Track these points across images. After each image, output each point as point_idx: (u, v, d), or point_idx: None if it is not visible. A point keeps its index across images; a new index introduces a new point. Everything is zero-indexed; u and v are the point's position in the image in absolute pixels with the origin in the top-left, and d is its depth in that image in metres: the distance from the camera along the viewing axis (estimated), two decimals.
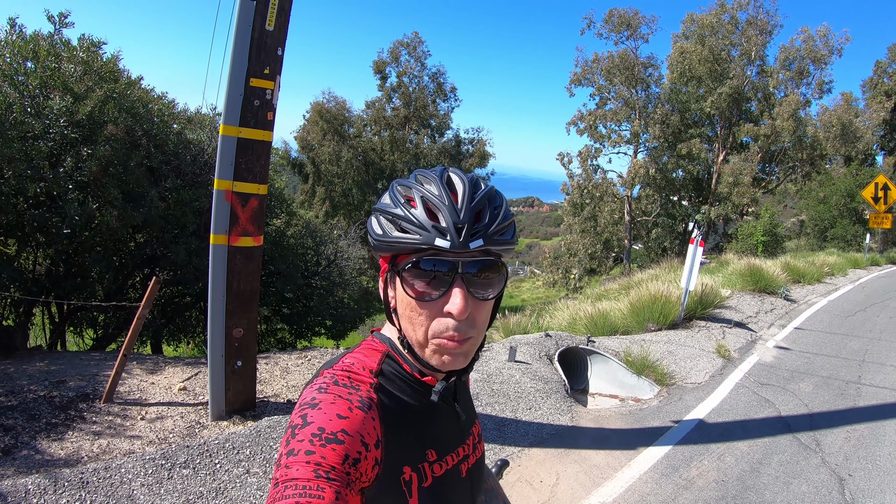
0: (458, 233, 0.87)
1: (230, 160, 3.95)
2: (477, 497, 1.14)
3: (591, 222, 32.52)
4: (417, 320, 0.92)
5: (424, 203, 0.90)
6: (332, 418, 0.82)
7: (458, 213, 0.89)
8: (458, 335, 0.90)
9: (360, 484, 0.82)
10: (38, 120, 6.15)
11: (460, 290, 0.89)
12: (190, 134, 8.78)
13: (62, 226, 6.21)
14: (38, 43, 6.61)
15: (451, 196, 0.91)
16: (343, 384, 0.90)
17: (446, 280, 0.89)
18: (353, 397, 0.87)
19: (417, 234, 0.88)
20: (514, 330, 8.61)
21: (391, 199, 0.94)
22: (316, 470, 0.76)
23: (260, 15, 3.92)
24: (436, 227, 0.88)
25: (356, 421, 0.84)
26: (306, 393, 0.88)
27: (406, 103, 35.24)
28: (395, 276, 0.93)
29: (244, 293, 4.14)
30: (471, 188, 0.93)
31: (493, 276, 0.94)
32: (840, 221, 25.34)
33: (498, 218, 0.93)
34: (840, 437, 5.23)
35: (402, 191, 0.95)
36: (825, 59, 29.09)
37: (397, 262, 0.93)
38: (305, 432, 0.80)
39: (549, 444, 4.75)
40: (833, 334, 9.20)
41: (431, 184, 0.93)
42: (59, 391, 4.53)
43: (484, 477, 1.22)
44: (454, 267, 0.89)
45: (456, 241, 0.87)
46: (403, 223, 0.90)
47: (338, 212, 33.73)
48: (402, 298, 0.93)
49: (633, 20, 30.90)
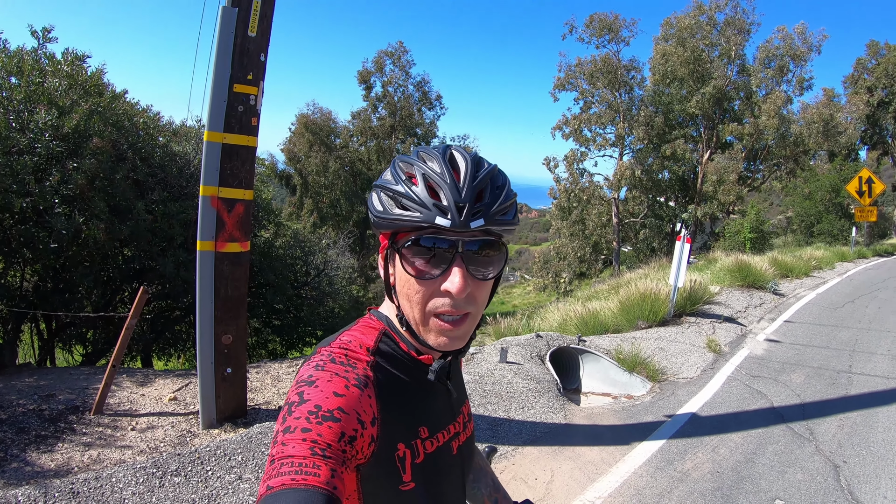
0: (459, 212, 0.86)
1: (215, 166, 3.94)
2: (467, 474, 1.14)
3: (580, 226, 32.65)
4: (415, 298, 0.91)
5: (426, 180, 0.89)
6: (328, 396, 0.81)
7: (460, 191, 0.88)
8: (456, 312, 0.91)
9: (355, 461, 0.81)
10: (24, 134, 6.12)
11: (460, 269, 0.88)
12: (176, 146, 8.76)
13: (49, 240, 6.16)
14: (22, 58, 6.60)
15: (454, 174, 0.90)
16: (340, 362, 0.89)
17: (446, 258, 0.89)
18: (349, 375, 0.86)
19: (418, 211, 0.87)
20: (504, 333, 8.61)
21: (392, 176, 0.93)
22: (312, 447, 0.75)
23: (242, 21, 3.93)
24: (437, 206, 0.87)
25: (353, 398, 0.83)
26: (303, 370, 0.88)
27: (392, 112, 35.29)
28: (395, 253, 0.93)
29: (232, 299, 4.12)
30: (473, 166, 0.92)
31: (494, 256, 0.94)
32: (826, 216, 25.60)
33: (500, 198, 0.92)
34: (833, 426, 5.26)
35: (404, 167, 0.94)
36: (804, 56, 29.46)
37: (397, 240, 0.92)
38: (302, 409, 0.79)
39: (542, 442, 4.75)
40: (823, 326, 9.27)
41: (433, 161, 0.92)
42: (48, 404, 4.48)
43: (474, 456, 1.23)
44: (454, 245, 0.88)
45: (457, 219, 0.86)
46: (404, 200, 0.89)
47: (326, 223, 33.68)
48: (402, 276, 0.92)
49: (613, 24, 31.17)
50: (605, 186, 32.69)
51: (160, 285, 8.24)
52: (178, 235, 7.62)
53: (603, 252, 33.34)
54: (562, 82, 33.30)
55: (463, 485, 1.12)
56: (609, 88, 31.99)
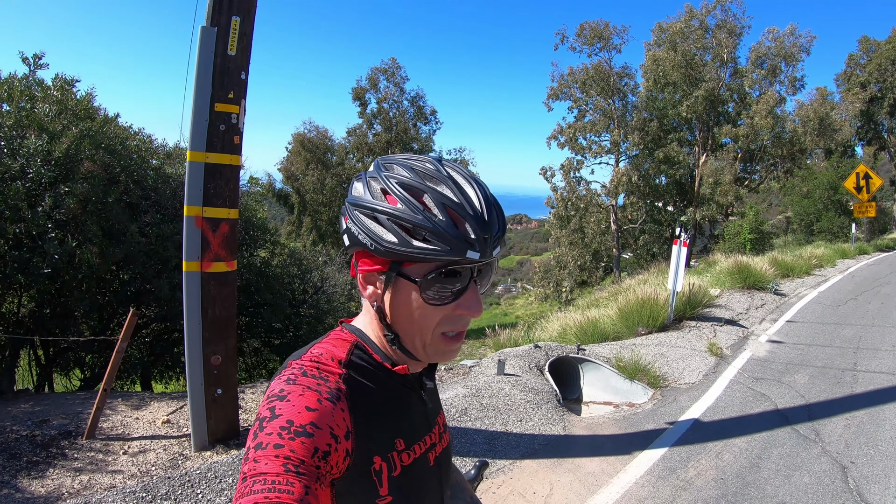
0: (485, 242, 0.87)
1: (199, 186, 3.93)
2: (446, 487, 1.12)
3: (579, 234, 32.60)
4: (426, 324, 0.91)
5: (445, 210, 0.86)
6: (300, 410, 0.80)
7: (483, 222, 0.87)
8: (464, 329, 0.93)
9: (330, 476, 0.80)
10: (15, 160, 6.13)
11: (475, 292, 0.91)
12: (169, 168, 8.76)
13: (43, 265, 6.15)
14: (12, 84, 6.63)
15: (469, 203, 0.88)
16: (312, 375, 0.87)
17: (461, 283, 0.89)
18: (321, 388, 0.85)
19: (447, 245, 0.84)
20: (504, 344, 8.55)
21: (397, 199, 0.87)
22: (285, 464, 0.73)
23: (221, 40, 3.93)
24: (465, 239, 0.85)
25: (325, 412, 0.81)
26: (274, 384, 0.86)
27: (387, 128, 35.38)
28: (402, 280, 0.89)
29: (220, 319, 4.08)
30: (480, 191, 0.90)
31: (489, 272, 0.96)
32: (825, 214, 25.59)
33: (505, 223, 0.93)
34: (839, 426, 5.19)
35: (410, 191, 0.88)
36: (796, 56, 29.56)
37: (406, 267, 0.89)
38: (274, 425, 0.77)
39: (541, 454, 4.68)
40: (825, 324, 9.20)
41: (441, 185, 0.88)
42: (41, 430, 4.44)
43: (451, 468, 1.21)
44: (472, 272, 0.90)
45: (486, 252, 0.87)
46: (428, 234, 0.85)
47: (325, 240, 33.70)
48: (411, 303, 0.90)
49: (604, 32, 31.31)
50: (603, 194, 32.70)
51: (157, 308, 8.20)
52: (172, 257, 7.59)
53: (603, 259, 33.26)
54: (555, 92, 33.40)
55: (441, 497, 1.10)
56: (602, 96, 32.07)
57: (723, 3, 30.00)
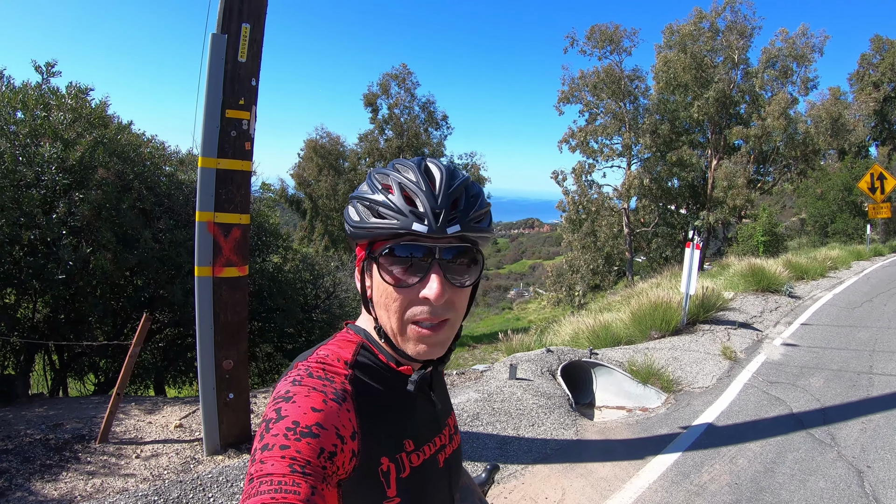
0: (435, 218, 0.88)
1: (210, 191, 3.96)
2: (455, 489, 1.12)
3: (591, 238, 32.50)
4: (393, 307, 0.91)
5: (402, 189, 0.91)
6: (306, 411, 0.80)
7: (436, 198, 0.89)
8: (434, 319, 0.90)
9: (336, 477, 0.80)
10: (30, 168, 6.22)
11: (437, 275, 0.89)
12: (182, 175, 8.83)
13: (58, 271, 6.22)
14: (26, 93, 6.72)
15: (429, 183, 0.91)
16: (318, 376, 0.88)
17: (423, 266, 0.89)
18: (327, 389, 0.86)
19: (395, 218, 0.88)
20: (516, 349, 8.52)
21: (369, 187, 0.94)
22: (291, 465, 0.74)
23: (232, 47, 3.96)
24: (413, 213, 0.88)
25: (331, 413, 0.82)
26: (280, 386, 0.87)
27: (398, 134, 35.40)
28: (372, 262, 0.93)
29: (232, 324, 4.10)
30: (448, 176, 0.93)
31: (470, 264, 0.94)
32: (840, 216, 25.32)
33: (475, 206, 0.93)
34: (855, 429, 5.13)
35: (380, 178, 0.94)
36: (807, 56, 29.32)
37: (374, 249, 0.92)
38: (280, 426, 0.78)
39: (553, 459, 4.65)
40: (841, 327, 9.09)
41: (409, 171, 0.93)
42: (55, 434, 4.48)
43: (461, 470, 1.21)
44: (431, 252, 0.89)
45: (433, 225, 0.87)
46: (381, 209, 0.90)
47: (337, 245, 33.76)
48: (379, 286, 0.92)
49: (614, 35, 31.26)
50: (615, 197, 32.59)
51: (170, 313, 8.26)
52: (185, 263, 7.64)
53: (616, 263, 33.12)
54: (566, 95, 33.39)
55: (451, 499, 1.10)
56: (613, 99, 32.01)
57: (732, 5, 29.85)
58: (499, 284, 76.60)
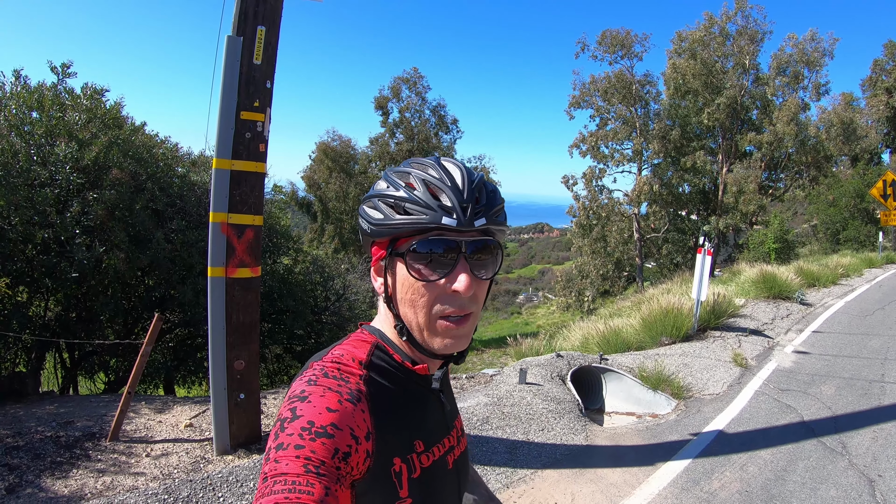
0: (463, 211, 0.89)
1: (224, 193, 3.98)
2: (464, 490, 1.13)
3: (601, 243, 32.42)
4: (420, 302, 0.92)
5: (426, 185, 0.92)
6: (321, 411, 0.81)
7: (462, 192, 0.91)
8: (461, 311, 0.92)
9: (350, 478, 0.80)
10: (44, 167, 6.29)
11: (465, 268, 0.90)
12: (194, 176, 8.90)
13: (70, 270, 6.27)
14: (42, 93, 6.80)
15: (449, 178, 0.92)
16: (333, 376, 0.88)
17: (450, 260, 0.90)
18: (342, 389, 0.86)
19: (423, 213, 0.89)
20: (526, 353, 8.51)
21: (388, 184, 0.95)
22: (306, 464, 0.74)
23: (247, 50, 3.99)
24: (441, 207, 0.89)
25: (346, 413, 0.82)
26: (296, 385, 0.87)
27: (409, 137, 35.46)
28: (395, 260, 0.94)
29: (244, 325, 4.12)
30: (467, 172, 0.95)
31: (489, 257, 0.96)
32: (852, 223, 25.07)
33: (495, 200, 0.96)
34: (867, 438, 5.08)
35: (399, 176, 0.95)
36: (818, 61, 29.10)
37: (398, 246, 0.93)
38: (295, 426, 0.78)
39: (563, 464, 4.63)
40: (853, 335, 9.01)
41: (429, 168, 0.94)
42: (65, 431, 4.52)
43: (469, 471, 1.21)
44: (457, 246, 0.90)
45: (462, 219, 0.89)
46: (407, 205, 0.90)
47: (347, 248, 33.83)
48: (404, 282, 0.93)
49: (625, 40, 31.20)
50: (625, 202, 32.49)
51: (181, 313, 8.31)
52: (197, 264, 7.69)
53: (626, 269, 33.01)
54: (577, 100, 33.35)
55: (460, 500, 1.11)
56: (624, 104, 31.94)
57: (743, 10, 29.69)
58: (508, 289, 76.51)
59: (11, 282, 6.71)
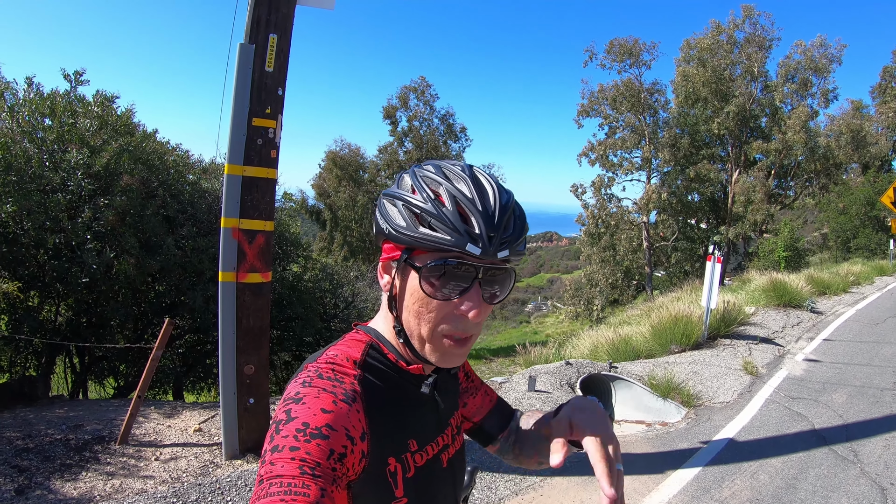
0: (489, 241, 0.86)
1: (236, 198, 4.01)
2: (459, 488, 1.12)
3: (610, 251, 32.35)
4: (426, 317, 0.90)
5: (456, 203, 0.88)
6: (316, 413, 0.80)
7: (492, 219, 0.88)
8: (465, 334, 0.91)
9: (346, 479, 0.80)
10: (56, 173, 6.36)
11: (478, 294, 0.88)
12: (205, 183, 8.97)
13: (81, 275, 6.33)
14: (55, 100, 6.89)
15: (483, 200, 0.89)
16: (327, 377, 0.88)
17: (464, 284, 0.88)
18: (337, 390, 0.85)
19: (449, 235, 0.86)
20: (534, 361, 8.48)
21: (416, 190, 0.91)
22: (301, 466, 0.74)
23: (259, 57, 4.03)
24: (469, 232, 0.86)
25: (341, 414, 0.82)
26: (290, 387, 0.87)
27: (418, 146, 35.59)
28: (409, 268, 0.91)
29: (254, 329, 4.14)
30: (500, 194, 0.92)
31: (501, 284, 0.94)
32: (862, 231, 24.90)
33: (522, 229, 0.93)
34: (879, 446, 5.03)
35: (429, 184, 0.92)
36: (826, 68, 29.02)
37: (414, 256, 0.90)
38: (289, 427, 0.78)
39: (571, 472, 4.60)
40: (864, 343, 8.94)
41: (461, 182, 0.91)
42: (75, 434, 4.54)
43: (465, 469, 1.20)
44: (476, 271, 0.88)
45: (487, 249, 0.86)
46: (433, 220, 0.87)
47: (356, 256, 33.92)
48: (414, 293, 0.91)
49: (634, 48, 31.26)
50: (634, 211, 32.44)
51: (191, 319, 8.36)
52: (207, 270, 7.74)
53: (635, 277, 32.91)
54: (585, 109, 33.44)
55: (455, 499, 1.10)
56: (633, 112, 31.97)
57: (751, 17, 29.68)
58: (516, 298, 76.26)
59: (23, 286, 6.78)
